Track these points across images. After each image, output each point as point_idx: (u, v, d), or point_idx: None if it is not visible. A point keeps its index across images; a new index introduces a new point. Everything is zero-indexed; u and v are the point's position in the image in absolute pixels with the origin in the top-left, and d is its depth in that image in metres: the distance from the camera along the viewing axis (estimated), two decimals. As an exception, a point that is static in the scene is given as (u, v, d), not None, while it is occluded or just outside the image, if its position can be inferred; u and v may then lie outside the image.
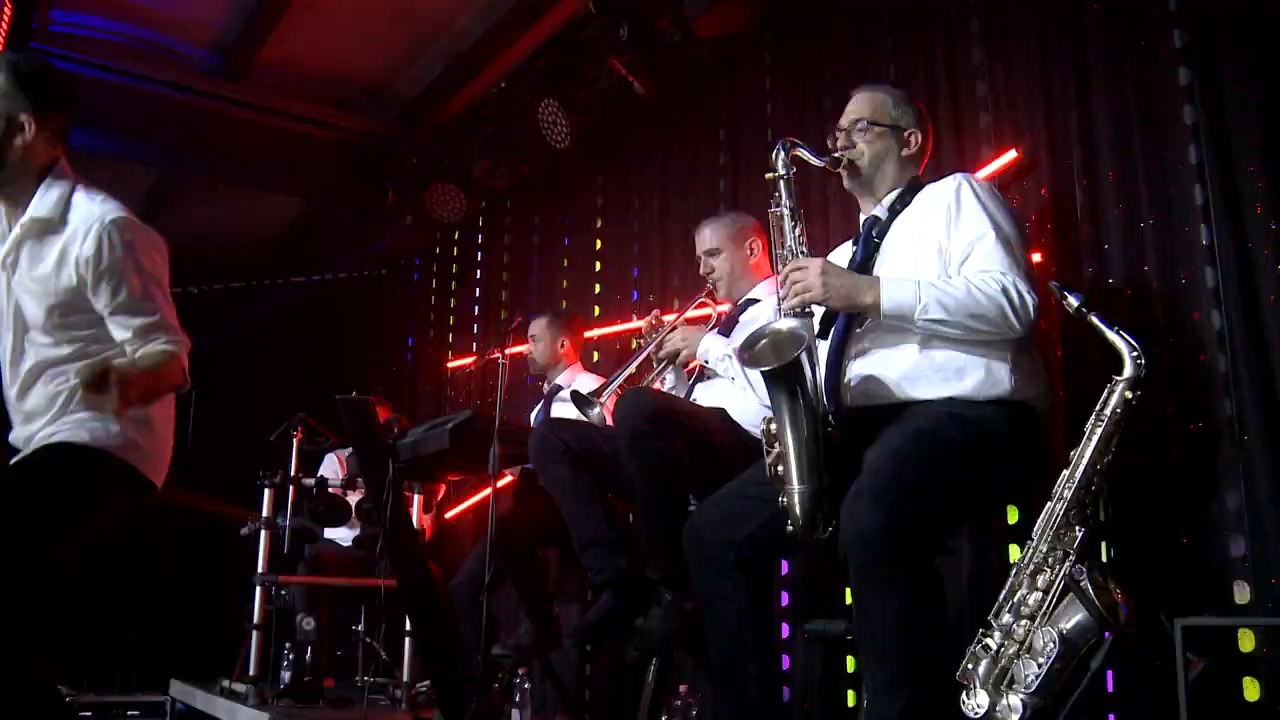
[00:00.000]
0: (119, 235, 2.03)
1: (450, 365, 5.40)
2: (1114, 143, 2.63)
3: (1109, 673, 2.32)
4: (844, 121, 2.36)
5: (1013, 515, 2.72)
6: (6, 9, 3.76)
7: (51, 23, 4.52)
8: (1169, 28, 2.53)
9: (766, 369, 2.01)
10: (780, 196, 2.21)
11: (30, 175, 2.08)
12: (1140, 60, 2.59)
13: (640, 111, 4.06)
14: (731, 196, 3.83)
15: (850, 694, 3.06)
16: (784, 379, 1.99)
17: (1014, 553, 2.74)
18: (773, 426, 2.07)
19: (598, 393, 2.84)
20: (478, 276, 5.44)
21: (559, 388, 3.94)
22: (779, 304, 2.13)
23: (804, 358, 2.00)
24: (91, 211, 2.05)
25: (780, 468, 2.05)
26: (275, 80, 5.03)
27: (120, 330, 2.06)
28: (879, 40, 3.36)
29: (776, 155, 2.23)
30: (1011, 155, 2.80)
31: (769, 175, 2.24)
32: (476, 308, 5.43)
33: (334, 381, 5.94)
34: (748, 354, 2.07)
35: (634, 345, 4.24)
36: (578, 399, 2.87)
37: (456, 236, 5.44)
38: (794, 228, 2.19)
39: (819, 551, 2.97)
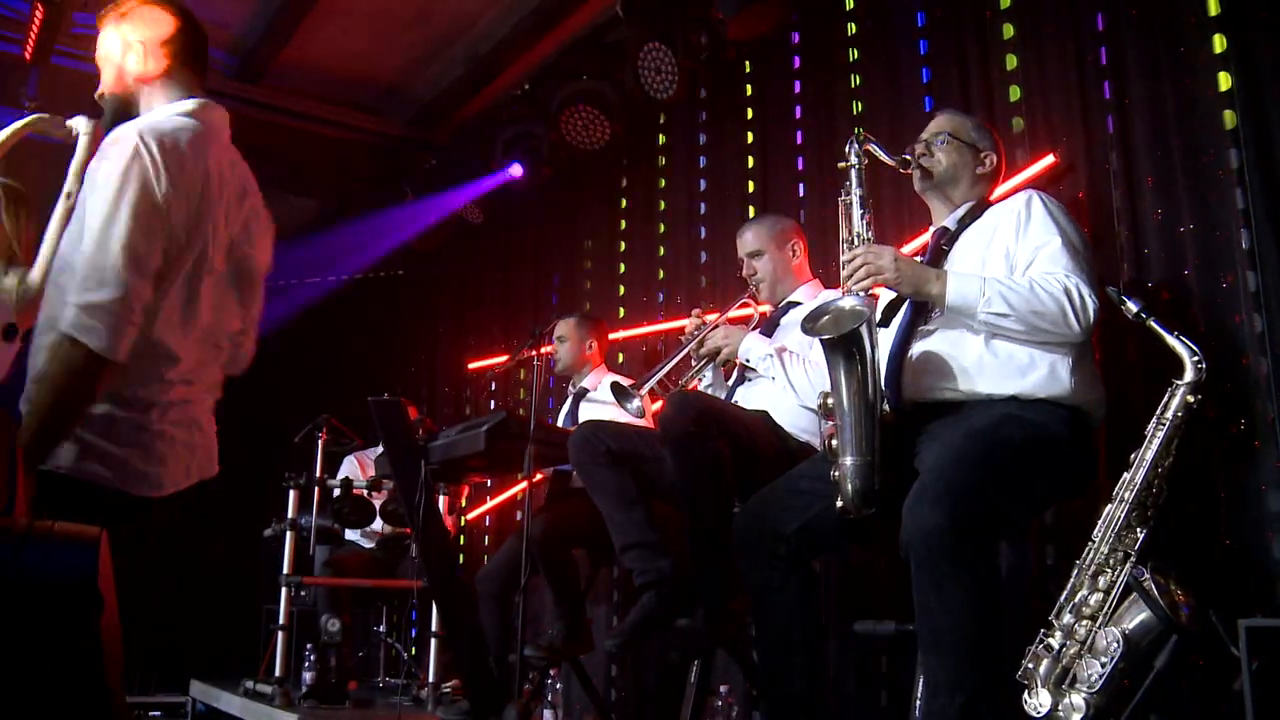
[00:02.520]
0: (134, 140, 1.69)
1: (472, 366, 5.41)
2: (1152, 147, 2.65)
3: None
4: (925, 134, 2.43)
5: (1048, 518, 2.75)
6: (38, 11, 3.77)
7: (73, 24, 4.53)
8: (1209, 33, 2.56)
9: (826, 337, 2.05)
10: (851, 185, 2.26)
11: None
12: (1179, 65, 2.61)
13: (667, 113, 4.08)
14: (761, 199, 3.85)
15: (884, 694, 3.08)
16: (843, 348, 2.04)
17: (1049, 553, 2.78)
18: (829, 401, 2.11)
19: (638, 385, 2.85)
20: (498, 278, 5.44)
21: (585, 390, 3.96)
22: (844, 283, 2.17)
23: (864, 331, 2.04)
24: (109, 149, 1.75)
25: (834, 442, 2.09)
26: (293, 82, 5.05)
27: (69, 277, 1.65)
28: (911, 44, 3.37)
29: (850, 147, 2.29)
30: (1049, 160, 2.82)
31: (841, 165, 2.30)
32: (496, 309, 5.44)
33: (352, 383, 5.96)
34: (811, 325, 2.11)
35: (660, 348, 4.26)
36: (617, 390, 2.88)
37: (476, 237, 5.44)
38: (862, 216, 2.24)
39: (865, 546, 3.01)
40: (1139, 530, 1.79)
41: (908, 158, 2.33)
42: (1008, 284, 2.04)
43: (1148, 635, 1.70)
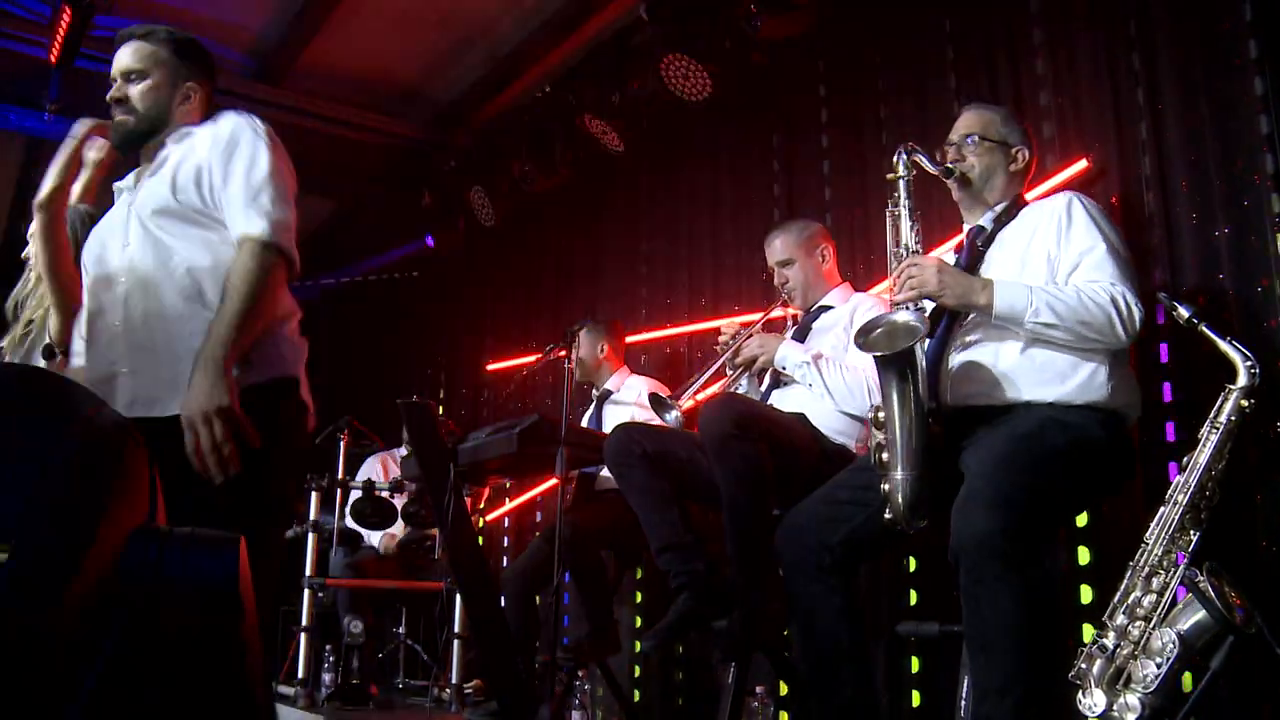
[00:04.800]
0: (257, 127, 1.97)
1: (491, 368, 5.41)
2: (1186, 152, 2.67)
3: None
4: (954, 136, 2.42)
5: (1080, 519, 2.77)
6: (65, 15, 3.79)
7: (94, 27, 4.53)
8: (1244, 38, 2.58)
9: (879, 354, 2.07)
10: (899, 197, 2.29)
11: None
12: (1213, 70, 2.63)
13: (690, 115, 4.08)
14: (786, 201, 3.86)
15: (915, 695, 3.10)
16: (895, 365, 2.06)
17: (1083, 555, 2.80)
18: (880, 414, 2.12)
19: (676, 396, 2.87)
20: (516, 279, 5.45)
21: (609, 392, 3.98)
22: (891, 297, 2.19)
23: (917, 348, 2.06)
24: (225, 119, 2.01)
25: (884, 455, 2.10)
26: (313, 83, 5.05)
27: (234, 212, 1.91)
28: (940, 48, 3.38)
29: (898, 158, 2.30)
30: (1082, 165, 2.84)
31: (890, 176, 2.31)
32: (515, 311, 5.44)
33: (369, 385, 5.96)
34: (863, 339, 2.13)
35: (683, 350, 4.27)
36: (656, 401, 2.89)
37: (494, 239, 5.45)
38: (911, 227, 2.25)
39: (908, 549, 3.03)
40: (1192, 532, 1.81)
41: (950, 167, 2.34)
42: (1055, 293, 2.05)
43: (1203, 636, 1.72)
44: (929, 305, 2.20)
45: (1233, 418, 1.85)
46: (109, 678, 0.74)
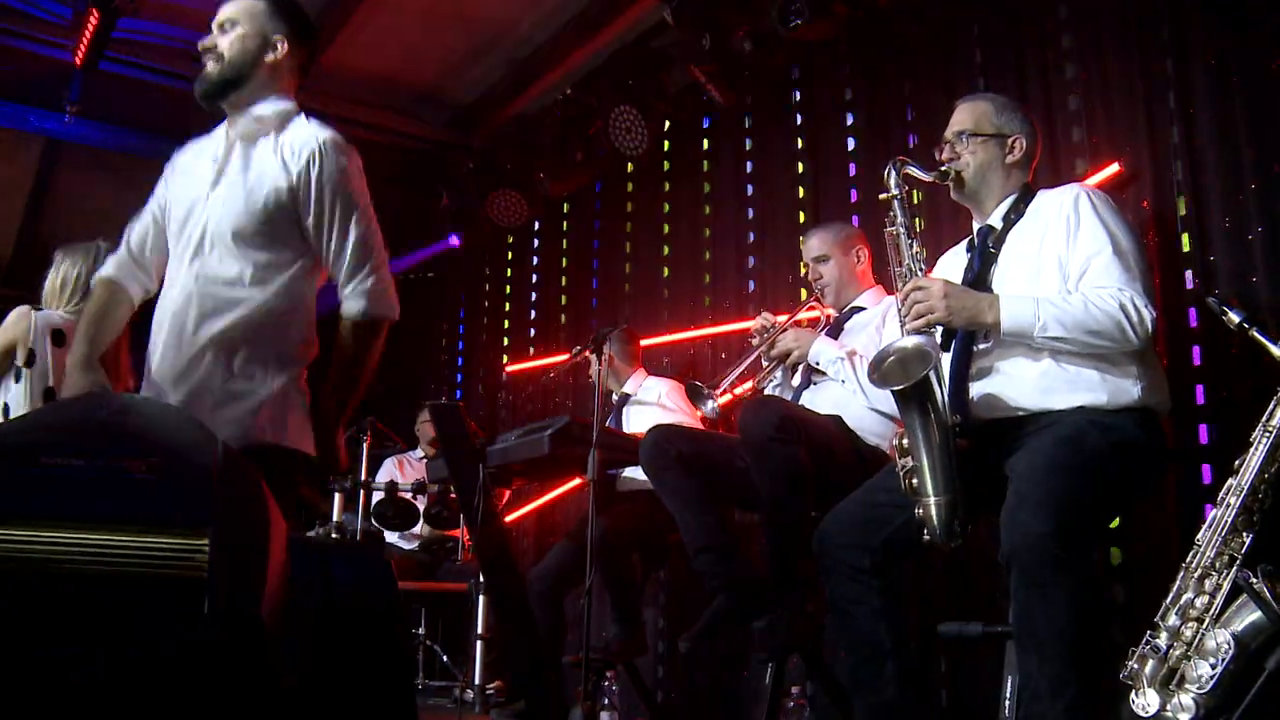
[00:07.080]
0: (337, 154, 2.03)
1: (510, 369, 5.42)
2: (1219, 157, 2.69)
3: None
4: (948, 134, 2.39)
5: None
6: (92, 17, 3.79)
7: (115, 29, 4.53)
8: (1277, 41, 2.60)
9: (896, 388, 2.07)
10: (895, 215, 2.26)
11: (274, 97, 2.10)
12: (1246, 74, 2.65)
13: (713, 119, 4.10)
14: (812, 204, 3.87)
15: (944, 695, 3.13)
16: (914, 396, 2.06)
17: (1115, 555, 2.83)
18: (904, 441, 2.12)
19: (714, 386, 2.89)
20: (534, 281, 5.46)
21: (628, 396, 4.00)
22: (901, 323, 2.19)
23: (932, 374, 2.06)
24: (310, 130, 2.06)
25: (915, 480, 2.11)
26: (332, 85, 5.05)
27: (336, 267, 2.05)
28: (968, 52, 3.40)
29: (889, 175, 2.27)
30: (1114, 169, 2.86)
31: (883, 196, 2.28)
32: (533, 313, 5.46)
33: (385, 385, 5.95)
34: (876, 373, 2.13)
35: (706, 353, 4.29)
36: (692, 391, 2.93)
37: (512, 241, 5.46)
38: (910, 245, 2.24)
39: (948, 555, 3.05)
40: (1245, 534, 1.83)
41: (945, 170, 2.31)
42: (1061, 306, 2.05)
43: (1258, 637, 1.74)
44: None
45: (1286, 422, 1.87)
46: (306, 678, 0.75)
